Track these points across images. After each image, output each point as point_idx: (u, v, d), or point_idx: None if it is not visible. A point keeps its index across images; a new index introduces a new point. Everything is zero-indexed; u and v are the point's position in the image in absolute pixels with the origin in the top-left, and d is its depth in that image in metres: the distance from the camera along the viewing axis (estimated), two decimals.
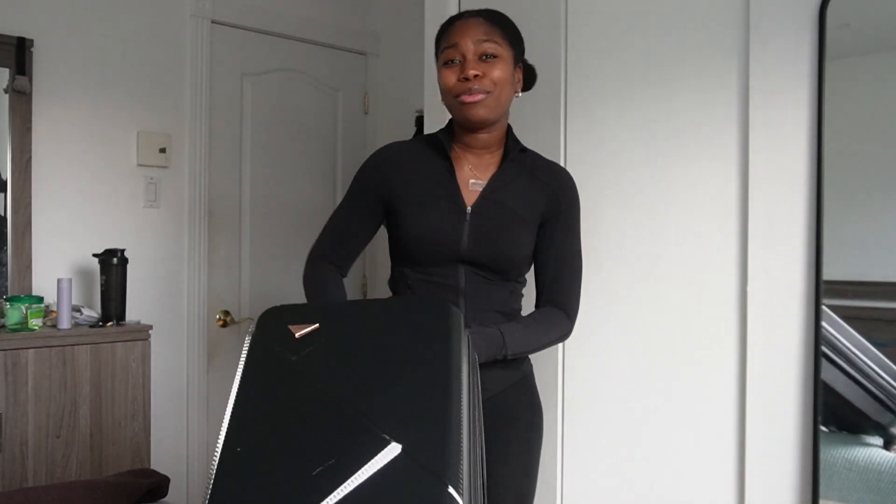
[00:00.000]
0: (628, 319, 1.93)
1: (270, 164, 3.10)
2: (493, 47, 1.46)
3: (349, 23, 3.34)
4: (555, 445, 2.04)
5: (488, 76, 1.45)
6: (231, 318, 2.99)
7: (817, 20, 1.62)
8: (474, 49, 1.45)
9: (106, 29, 2.67)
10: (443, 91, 1.50)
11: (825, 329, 1.61)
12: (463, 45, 1.45)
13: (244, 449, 0.92)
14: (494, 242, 1.49)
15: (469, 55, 1.45)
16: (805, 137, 1.64)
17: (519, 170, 1.56)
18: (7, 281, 2.44)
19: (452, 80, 1.46)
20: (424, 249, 1.50)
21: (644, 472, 1.92)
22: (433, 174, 1.53)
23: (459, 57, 1.46)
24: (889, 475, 1.51)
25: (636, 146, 1.93)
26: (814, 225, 1.62)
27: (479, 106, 1.45)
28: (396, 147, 1.60)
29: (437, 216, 1.49)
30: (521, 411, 1.57)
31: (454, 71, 1.46)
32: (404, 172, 1.54)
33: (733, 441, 1.75)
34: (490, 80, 1.45)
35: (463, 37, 1.45)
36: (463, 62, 1.45)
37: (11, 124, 2.46)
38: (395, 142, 1.63)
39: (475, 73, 1.43)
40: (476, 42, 1.45)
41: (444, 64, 1.48)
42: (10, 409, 2.18)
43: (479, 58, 1.45)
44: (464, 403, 0.92)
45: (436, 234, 1.48)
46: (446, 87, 1.48)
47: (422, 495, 0.82)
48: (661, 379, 1.87)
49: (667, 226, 1.88)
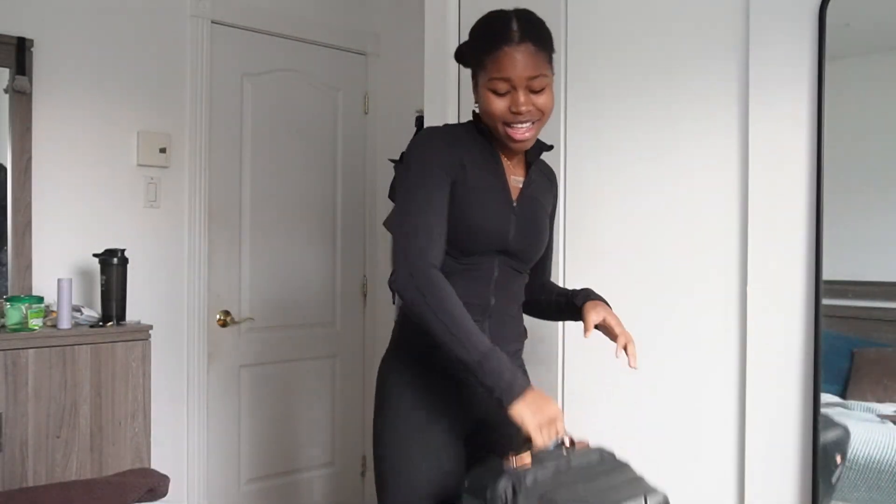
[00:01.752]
0: (628, 319, 1.93)
1: (270, 164, 3.10)
2: (544, 80, 1.46)
3: (349, 23, 3.34)
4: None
5: (538, 106, 1.46)
6: (231, 318, 2.99)
7: (817, 20, 1.62)
8: (527, 84, 1.44)
9: (106, 29, 2.67)
10: (488, 114, 1.49)
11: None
12: (515, 80, 1.43)
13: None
14: (533, 236, 1.59)
15: (520, 89, 1.44)
16: (805, 137, 1.64)
17: (540, 170, 1.65)
18: (7, 281, 2.44)
19: (501, 107, 1.46)
20: (476, 238, 1.51)
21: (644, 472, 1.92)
22: (487, 165, 1.54)
23: (510, 89, 1.45)
24: (889, 474, 1.51)
25: (636, 146, 1.94)
26: (814, 225, 1.63)
27: (528, 140, 1.49)
28: (450, 129, 1.60)
29: (493, 207, 1.52)
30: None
31: (503, 99, 1.45)
32: (468, 155, 1.52)
33: (733, 441, 1.75)
34: (539, 110, 1.47)
35: (514, 71, 1.43)
36: (514, 95, 1.44)
37: (11, 124, 2.46)
38: (440, 126, 1.62)
39: (527, 108, 1.45)
40: (528, 78, 1.44)
41: (492, 91, 1.46)
42: (10, 409, 2.18)
43: (530, 91, 1.45)
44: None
45: (490, 224, 1.52)
46: (494, 114, 1.47)
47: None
48: (661, 379, 1.87)
49: (667, 225, 1.88)
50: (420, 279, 1.38)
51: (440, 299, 1.36)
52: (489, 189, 1.52)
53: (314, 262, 3.25)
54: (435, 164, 1.48)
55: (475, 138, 1.55)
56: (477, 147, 1.54)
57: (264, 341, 3.11)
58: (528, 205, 1.58)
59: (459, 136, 1.55)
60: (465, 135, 1.55)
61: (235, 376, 3.02)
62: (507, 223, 1.53)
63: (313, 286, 3.25)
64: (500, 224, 1.53)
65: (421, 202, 1.45)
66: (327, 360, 3.31)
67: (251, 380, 3.07)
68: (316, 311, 3.26)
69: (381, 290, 3.29)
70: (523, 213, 1.56)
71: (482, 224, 1.50)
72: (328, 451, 3.31)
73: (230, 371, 3.01)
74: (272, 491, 3.13)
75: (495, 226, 1.52)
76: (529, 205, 1.58)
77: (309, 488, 3.24)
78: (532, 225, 1.58)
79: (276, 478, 3.15)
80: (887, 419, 1.57)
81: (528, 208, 1.57)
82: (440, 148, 1.50)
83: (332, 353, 3.32)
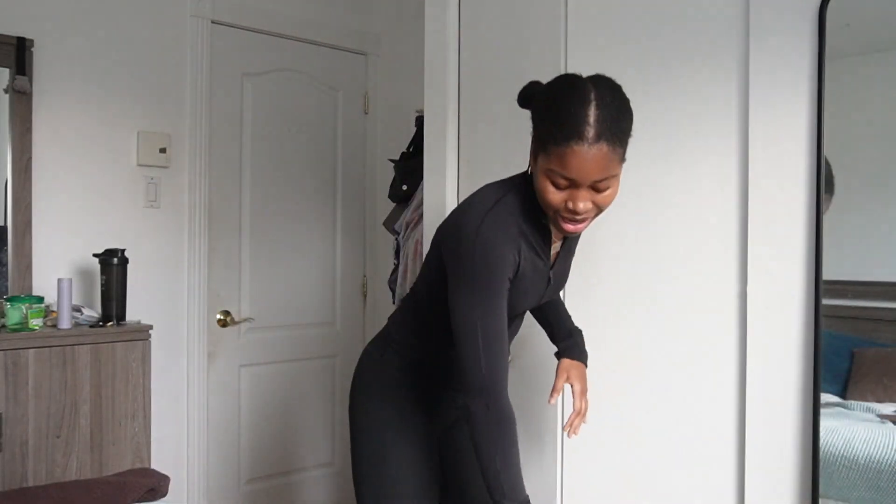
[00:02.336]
0: (627, 319, 1.93)
1: (270, 164, 3.11)
2: (609, 182, 1.34)
3: (349, 23, 3.34)
4: (555, 445, 2.04)
5: (598, 203, 1.35)
6: (231, 318, 2.99)
7: (817, 20, 1.62)
8: (590, 184, 1.32)
9: (106, 29, 2.67)
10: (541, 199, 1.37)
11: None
12: (580, 180, 1.31)
13: None
14: (559, 288, 1.63)
15: (583, 187, 1.32)
16: (805, 137, 1.64)
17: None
18: (7, 281, 2.44)
19: (558, 199, 1.34)
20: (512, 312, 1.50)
21: (644, 472, 1.92)
22: (537, 247, 1.46)
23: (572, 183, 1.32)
24: (889, 474, 1.51)
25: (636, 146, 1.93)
26: (814, 225, 1.62)
27: (580, 231, 1.41)
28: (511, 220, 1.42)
29: (535, 289, 1.51)
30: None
31: (562, 191, 1.33)
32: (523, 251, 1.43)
33: (733, 441, 1.75)
34: (597, 206, 1.36)
35: (581, 174, 1.30)
36: (573, 190, 1.32)
37: (11, 124, 2.46)
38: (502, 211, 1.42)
39: (587, 207, 1.34)
40: (595, 181, 1.31)
41: (552, 181, 1.34)
42: (10, 409, 2.18)
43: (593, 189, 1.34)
44: None
45: (529, 303, 1.54)
46: (549, 204, 1.36)
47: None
48: (661, 379, 1.87)
49: (667, 226, 1.88)
50: (496, 414, 1.37)
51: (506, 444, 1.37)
52: (535, 273, 1.47)
53: (314, 262, 3.25)
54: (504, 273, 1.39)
55: (529, 217, 1.43)
56: (531, 228, 1.43)
57: (264, 341, 3.11)
58: (561, 265, 1.58)
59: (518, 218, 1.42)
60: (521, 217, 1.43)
61: (235, 376, 3.02)
62: (542, 293, 1.55)
63: (313, 286, 3.25)
64: (536, 297, 1.54)
65: (488, 323, 1.38)
66: (327, 360, 3.31)
67: (251, 380, 3.07)
68: (316, 311, 3.26)
69: (381, 290, 3.29)
70: (555, 275, 1.57)
71: (521, 306, 1.52)
72: (328, 451, 3.31)
73: (230, 371, 3.01)
74: (272, 491, 3.13)
75: (532, 300, 1.54)
76: (561, 265, 1.59)
77: (309, 488, 3.25)
78: (561, 278, 1.60)
79: (276, 478, 3.15)
80: (887, 419, 1.57)
81: (559, 269, 1.58)
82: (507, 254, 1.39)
83: (332, 353, 3.32)
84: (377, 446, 1.54)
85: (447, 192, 2.26)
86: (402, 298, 1.70)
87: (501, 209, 1.41)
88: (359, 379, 1.63)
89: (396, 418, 1.55)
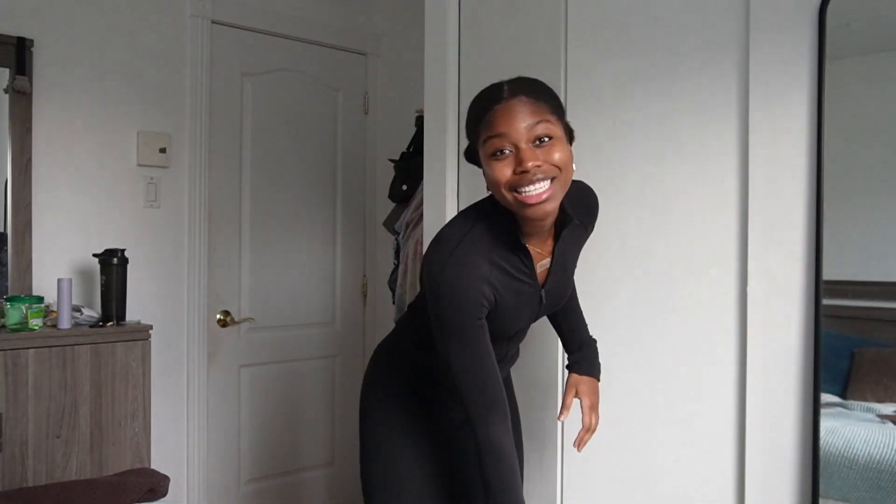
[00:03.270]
0: (628, 319, 1.93)
1: (270, 164, 3.11)
2: (547, 127, 1.29)
3: (349, 23, 3.34)
4: (555, 445, 2.04)
5: (549, 162, 1.29)
6: (231, 318, 2.99)
7: (817, 20, 1.62)
8: (527, 135, 1.27)
9: (106, 29, 2.67)
10: (494, 185, 1.32)
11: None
12: (514, 134, 1.27)
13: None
14: (558, 303, 1.59)
15: (522, 143, 1.27)
16: (805, 137, 1.64)
17: (571, 219, 1.47)
18: (7, 281, 2.44)
19: (507, 173, 1.29)
20: (504, 335, 1.50)
21: (643, 472, 1.92)
22: (516, 272, 1.41)
23: (510, 147, 1.28)
24: (889, 474, 1.51)
25: (636, 146, 1.94)
26: (814, 225, 1.62)
27: (546, 203, 1.30)
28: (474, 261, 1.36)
29: (523, 313, 1.49)
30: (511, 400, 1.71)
31: (506, 163, 1.29)
32: (498, 285, 1.38)
33: (733, 440, 1.75)
34: (552, 165, 1.29)
35: (511, 123, 1.27)
36: (517, 153, 1.28)
37: (11, 124, 2.46)
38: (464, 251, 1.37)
39: (535, 163, 1.27)
40: (528, 128, 1.27)
41: (492, 155, 1.30)
42: (10, 409, 2.18)
43: (534, 143, 1.29)
44: None
45: (519, 325, 1.53)
46: (499, 181, 1.30)
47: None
48: (661, 379, 1.87)
49: (667, 225, 1.88)
50: (498, 440, 1.36)
51: (503, 473, 1.36)
52: (519, 299, 1.44)
53: (314, 262, 3.25)
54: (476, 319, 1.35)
55: (501, 242, 1.38)
56: (506, 253, 1.38)
57: (264, 341, 3.11)
58: (555, 282, 1.52)
59: (483, 251, 1.37)
60: (491, 238, 1.38)
61: (235, 376, 3.02)
62: (535, 313, 1.52)
63: (313, 286, 3.25)
64: (529, 318, 1.53)
65: (475, 363, 1.36)
66: (327, 360, 3.31)
67: (251, 380, 3.07)
68: (316, 311, 3.26)
69: (381, 290, 3.29)
70: (549, 293, 1.52)
71: (514, 327, 1.51)
72: (328, 451, 3.31)
73: (230, 371, 3.01)
74: (272, 491, 3.13)
75: (523, 322, 1.53)
76: (555, 282, 1.52)
77: (309, 488, 3.25)
78: (557, 296, 1.56)
79: (276, 478, 3.15)
80: (887, 419, 1.56)
81: (554, 286, 1.52)
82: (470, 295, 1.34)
83: (332, 353, 3.32)
84: (385, 447, 1.54)
85: (447, 192, 2.26)
86: (410, 304, 1.69)
87: (467, 245, 1.36)
88: (368, 382, 1.63)
89: (404, 420, 1.54)
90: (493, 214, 1.39)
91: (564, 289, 1.58)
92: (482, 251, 1.36)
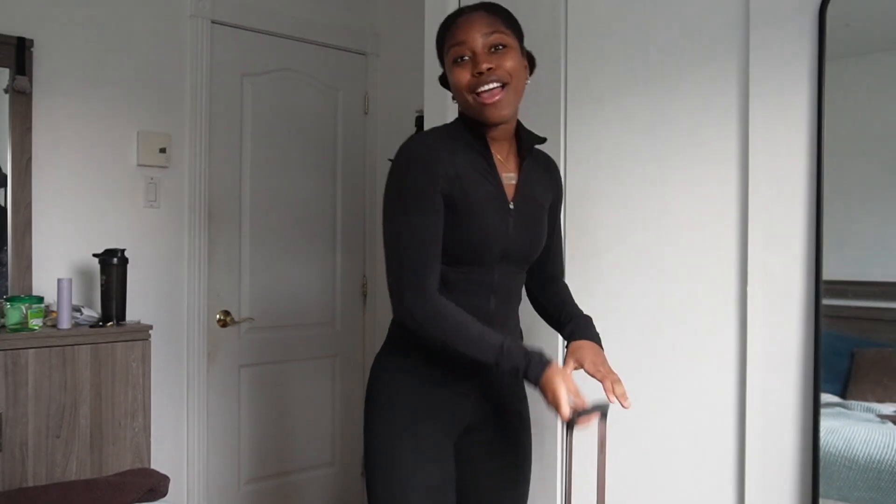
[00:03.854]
0: (628, 319, 1.94)
1: (270, 163, 3.10)
2: (501, 37, 1.45)
3: (349, 23, 3.34)
4: (554, 445, 2.04)
5: (502, 67, 1.44)
6: (231, 318, 2.99)
7: (817, 20, 1.62)
8: (482, 42, 1.44)
9: (106, 29, 2.67)
10: (457, 89, 1.48)
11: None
12: (471, 41, 1.44)
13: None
14: (532, 236, 1.57)
15: (478, 49, 1.44)
16: (805, 137, 1.64)
17: (533, 162, 1.61)
18: (7, 281, 2.44)
19: (466, 77, 1.45)
20: (475, 249, 1.48)
21: (643, 472, 1.92)
22: (478, 169, 1.49)
23: (469, 53, 1.45)
24: (889, 474, 1.51)
25: (636, 146, 1.94)
26: (814, 225, 1.63)
27: (500, 105, 1.44)
28: (432, 140, 1.50)
29: (490, 216, 1.48)
30: (515, 403, 1.68)
31: (466, 68, 1.45)
32: (457, 167, 1.46)
33: (733, 440, 1.75)
34: (504, 71, 1.44)
35: (469, 32, 1.45)
36: (474, 57, 1.44)
37: (11, 124, 2.45)
38: (420, 137, 1.52)
39: (489, 66, 1.42)
40: (483, 35, 1.44)
41: (454, 62, 1.47)
42: (10, 409, 2.18)
43: (489, 50, 1.44)
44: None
45: (490, 235, 1.49)
46: (460, 85, 1.46)
47: None
48: (661, 379, 1.87)
49: (667, 226, 1.88)
50: (420, 315, 1.42)
51: (443, 327, 1.41)
52: (486, 197, 1.48)
53: (314, 262, 3.25)
54: (425, 184, 1.43)
55: (462, 136, 1.51)
56: (465, 146, 1.49)
57: (264, 341, 3.11)
58: (525, 204, 1.54)
59: (445, 139, 1.49)
60: (451, 136, 1.51)
61: (235, 376, 3.02)
62: (504, 227, 1.50)
63: (313, 286, 3.25)
64: (499, 231, 1.49)
65: (414, 231, 1.43)
66: (327, 360, 3.31)
67: (251, 380, 3.07)
68: (316, 311, 3.26)
69: (381, 290, 3.29)
70: (520, 213, 1.53)
71: (481, 236, 1.48)
72: (328, 451, 3.31)
73: (230, 371, 3.01)
74: (272, 491, 3.13)
75: (494, 234, 1.49)
76: (525, 204, 1.54)
77: (309, 488, 3.25)
78: (529, 225, 1.55)
79: (276, 478, 3.15)
80: (887, 419, 1.57)
81: (524, 207, 1.54)
82: (422, 166, 1.44)
83: (332, 353, 3.32)
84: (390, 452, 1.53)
85: None
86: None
87: (424, 133, 1.54)
88: (371, 385, 1.62)
89: (409, 424, 1.54)
90: (454, 124, 1.54)
91: (536, 223, 1.57)
92: (441, 137, 1.50)
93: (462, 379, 1.55)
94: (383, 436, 1.55)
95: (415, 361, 1.56)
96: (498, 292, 1.54)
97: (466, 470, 1.62)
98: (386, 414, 1.56)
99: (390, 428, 1.54)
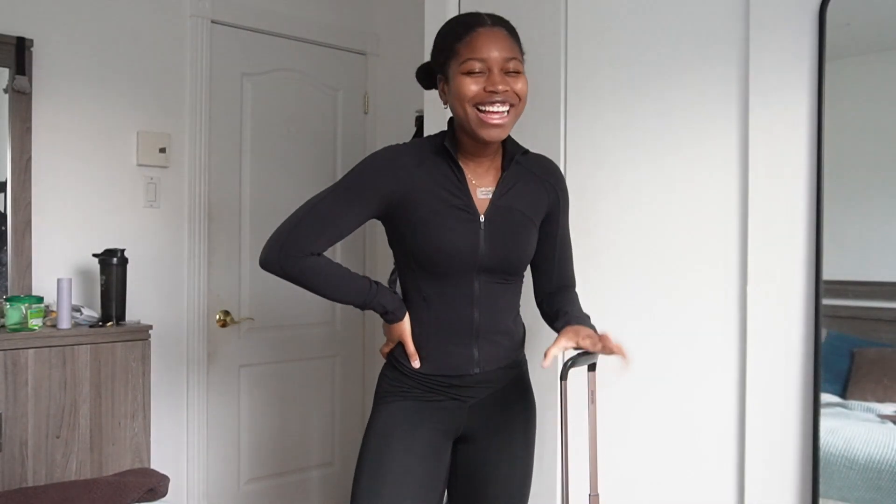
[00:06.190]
0: (628, 319, 1.94)
1: (270, 164, 3.10)
2: (518, 64, 1.46)
3: (349, 23, 3.34)
4: (554, 445, 2.04)
5: (514, 90, 1.44)
6: (231, 318, 2.99)
7: (817, 20, 1.62)
8: (502, 65, 1.43)
9: (106, 29, 2.67)
10: (458, 98, 1.45)
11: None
12: (491, 60, 1.43)
13: None
14: (509, 248, 1.53)
15: (496, 69, 1.43)
16: (805, 137, 1.64)
17: (520, 172, 1.58)
18: (7, 281, 2.44)
19: (474, 89, 1.43)
20: (442, 262, 1.49)
21: (643, 472, 1.92)
22: (444, 183, 1.50)
23: (485, 69, 1.43)
24: (889, 474, 1.51)
25: (636, 146, 1.94)
26: (814, 225, 1.63)
27: (504, 128, 1.45)
28: (402, 150, 1.54)
29: (454, 228, 1.48)
30: (518, 405, 1.65)
31: (477, 81, 1.43)
32: (416, 179, 1.49)
33: (733, 440, 1.75)
34: (515, 94, 1.45)
35: (490, 50, 1.42)
36: (489, 74, 1.43)
37: (11, 124, 2.45)
38: (397, 145, 1.57)
39: (505, 87, 1.42)
40: (504, 59, 1.43)
41: (467, 73, 1.44)
42: (10, 409, 2.18)
43: (505, 73, 1.44)
44: None
45: (455, 247, 1.48)
46: (466, 96, 1.43)
47: None
48: (661, 379, 1.88)
49: (666, 226, 1.88)
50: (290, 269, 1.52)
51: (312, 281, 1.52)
52: (449, 209, 1.48)
53: None
54: (363, 180, 1.51)
55: (434, 155, 1.51)
56: (437, 165, 1.50)
57: (264, 341, 3.11)
58: (500, 216, 1.52)
59: (415, 152, 1.52)
60: (425, 149, 1.53)
61: (235, 376, 3.02)
62: (475, 240, 1.49)
63: None
64: (467, 243, 1.48)
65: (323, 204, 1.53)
66: (327, 360, 3.31)
67: (251, 380, 3.07)
68: (316, 311, 3.26)
69: None
70: (493, 225, 1.51)
71: (445, 247, 1.48)
72: (328, 451, 3.31)
73: (230, 371, 3.01)
74: (272, 491, 3.13)
75: (461, 246, 1.48)
76: (501, 216, 1.52)
77: (309, 488, 3.25)
78: (507, 237, 1.52)
79: (276, 478, 3.15)
80: (887, 419, 1.57)
81: (499, 220, 1.52)
82: (375, 168, 1.51)
83: (332, 353, 3.32)
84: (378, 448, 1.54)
85: None
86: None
87: (400, 144, 1.57)
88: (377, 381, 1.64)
89: (401, 422, 1.54)
90: (442, 135, 1.54)
91: (513, 235, 1.53)
92: (414, 152, 1.53)
93: (464, 386, 1.55)
94: (374, 431, 1.55)
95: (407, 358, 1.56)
96: (480, 304, 1.53)
97: (462, 472, 1.62)
98: (380, 410, 1.57)
99: (382, 424, 1.55)
